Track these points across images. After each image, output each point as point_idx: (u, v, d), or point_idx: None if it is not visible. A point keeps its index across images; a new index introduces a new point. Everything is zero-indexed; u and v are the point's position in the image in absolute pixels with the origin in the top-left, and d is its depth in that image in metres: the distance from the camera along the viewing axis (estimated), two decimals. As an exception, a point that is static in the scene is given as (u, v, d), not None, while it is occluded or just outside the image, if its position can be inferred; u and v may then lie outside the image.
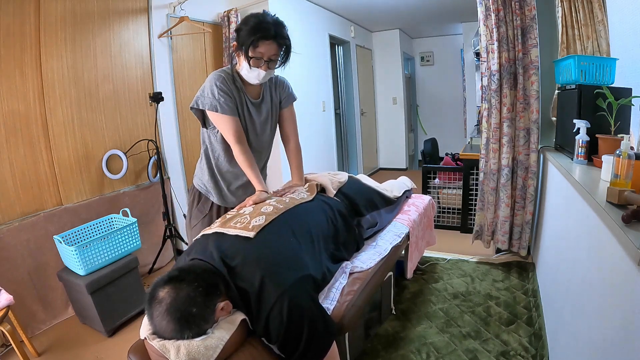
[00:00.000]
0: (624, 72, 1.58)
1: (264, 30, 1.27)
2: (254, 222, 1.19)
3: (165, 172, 2.68)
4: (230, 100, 1.38)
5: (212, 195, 1.57)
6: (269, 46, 1.30)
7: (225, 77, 1.40)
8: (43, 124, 2.04)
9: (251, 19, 1.30)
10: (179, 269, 0.99)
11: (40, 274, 2.00)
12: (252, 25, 1.28)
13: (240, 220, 1.22)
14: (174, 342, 0.89)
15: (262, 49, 1.30)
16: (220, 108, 1.36)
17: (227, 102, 1.37)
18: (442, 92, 6.21)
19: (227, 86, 1.38)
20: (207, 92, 1.37)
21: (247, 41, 1.28)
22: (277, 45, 1.32)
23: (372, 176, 4.61)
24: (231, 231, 1.17)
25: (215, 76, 1.39)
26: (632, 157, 0.96)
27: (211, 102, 1.36)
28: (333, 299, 1.23)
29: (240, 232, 1.15)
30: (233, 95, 1.40)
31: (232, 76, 1.42)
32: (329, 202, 1.51)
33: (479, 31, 2.21)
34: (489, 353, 1.57)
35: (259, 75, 1.36)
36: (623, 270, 0.79)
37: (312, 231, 1.28)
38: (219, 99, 1.36)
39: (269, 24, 1.29)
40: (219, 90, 1.36)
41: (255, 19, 1.30)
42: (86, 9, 2.20)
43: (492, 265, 2.37)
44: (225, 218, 1.29)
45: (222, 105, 1.36)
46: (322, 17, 4.07)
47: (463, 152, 3.21)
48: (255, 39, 1.27)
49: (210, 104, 1.36)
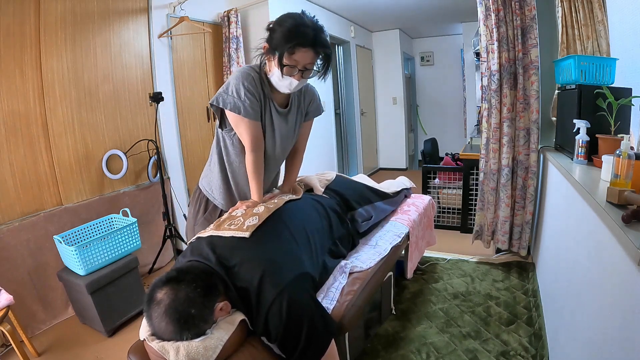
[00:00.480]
0: (624, 72, 1.58)
1: (302, 36, 1.14)
2: (247, 222, 1.19)
3: (165, 172, 2.68)
4: (257, 103, 1.26)
5: (219, 201, 1.48)
6: (305, 54, 1.17)
7: (254, 76, 1.26)
8: (43, 124, 2.04)
9: (287, 20, 1.16)
10: (177, 270, 0.99)
11: (40, 274, 2.00)
12: (289, 28, 1.14)
13: (234, 222, 1.21)
14: (173, 343, 0.89)
15: (297, 56, 1.16)
16: (244, 110, 1.23)
17: (252, 105, 1.24)
18: (442, 92, 6.21)
19: (254, 87, 1.25)
20: (232, 90, 1.24)
21: (282, 46, 1.15)
22: (314, 54, 1.19)
23: (372, 176, 4.61)
24: (226, 233, 1.16)
25: (244, 74, 1.25)
26: (632, 157, 0.96)
27: (235, 102, 1.24)
28: (333, 299, 1.23)
29: (235, 233, 1.15)
30: (260, 98, 1.28)
31: (260, 77, 1.29)
32: (319, 199, 1.52)
33: (479, 31, 2.21)
34: (489, 353, 1.57)
35: (290, 85, 1.23)
36: (623, 270, 0.79)
37: (306, 228, 1.28)
38: (244, 101, 1.23)
39: (307, 27, 1.15)
40: (245, 91, 1.23)
41: (293, 20, 1.15)
42: (86, 9, 2.20)
43: (492, 265, 2.37)
44: (218, 221, 1.27)
45: (246, 107, 1.23)
46: (322, 17, 4.07)
47: (463, 152, 3.21)
48: (292, 46, 1.14)
49: (234, 104, 1.24)
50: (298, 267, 1.10)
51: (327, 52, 1.21)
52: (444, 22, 5.14)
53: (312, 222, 1.34)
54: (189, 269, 1.00)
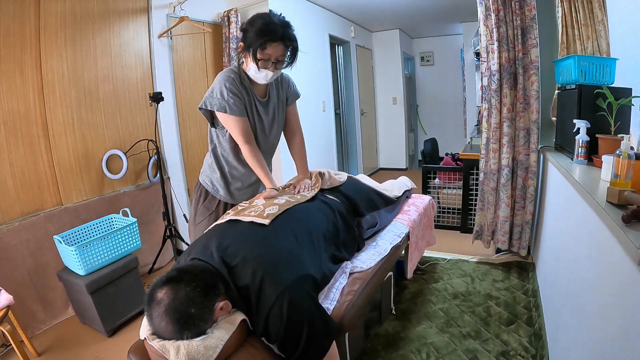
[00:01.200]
0: (624, 72, 1.58)
1: (272, 33, 1.29)
2: (268, 210, 1.26)
3: (165, 172, 2.68)
4: (240, 101, 1.40)
5: (220, 193, 1.60)
6: (276, 48, 1.32)
7: (234, 77, 1.41)
8: (43, 124, 2.04)
9: (258, 20, 1.31)
10: (177, 270, 0.99)
11: (40, 274, 2.00)
12: (259, 27, 1.29)
13: (254, 210, 1.28)
14: (173, 343, 0.89)
15: (269, 50, 1.31)
16: (229, 109, 1.38)
17: (236, 103, 1.38)
18: (442, 92, 6.21)
19: (236, 87, 1.40)
20: (216, 93, 1.38)
21: (254, 43, 1.30)
22: (284, 47, 1.34)
23: (372, 176, 4.61)
24: (246, 218, 1.23)
25: (225, 77, 1.40)
26: (632, 157, 0.96)
27: (220, 103, 1.38)
28: (333, 299, 1.23)
29: (255, 219, 1.21)
30: (242, 95, 1.42)
31: (239, 76, 1.43)
32: (329, 202, 1.51)
33: (479, 31, 2.21)
34: (489, 353, 1.57)
35: (266, 76, 1.38)
36: (623, 270, 0.79)
37: (312, 231, 1.28)
38: (228, 100, 1.37)
39: (276, 25, 1.30)
40: (228, 92, 1.37)
41: (262, 20, 1.30)
42: (86, 9, 2.20)
43: (492, 265, 2.37)
44: (237, 209, 1.35)
45: (230, 106, 1.38)
46: (322, 17, 4.07)
47: (463, 152, 3.21)
48: (263, 42, 1.29)
49: (220, 105, 1.38)
50: (300, 269, 1.10)
51: (294, 45, 1.37)
52: (444, 22, 5.14)
53: (318, 226, 1.34)
54: (189, 269, 1.00)
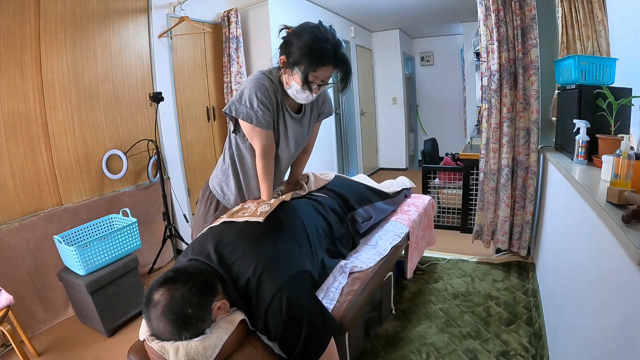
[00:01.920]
0: (624, 72, 1.58)
1: (324, 55, 1.16)
2: (260, 209, 1.26)
3: (165, 172, 2.68)
4: (269, 114, 1.28)
5: (231, 202, 1.49)
6: (326, 70, 1.19)
7: (268, 85, 1.27)
8: (43, 124, 2.04)
9: (305, 35, 1.16)
10: (174, 270, 0.99)
11: (40, 274, 2.00)
12: (309, 45, 1.14)
13: (247, 211, 1.28)
14: (172, 343, 0.90)
15: (318, 73, 1.18)
16: (256, 121, 1.26)
17: (264, 115, 1.26)
18: (442, 92, 6.21)
19: (268, 98, 1.27)
20: (245, 100, 1.26)
21: (303, 63, 1.16)
22: (334, 69, 1.21)
23: (372, 176, 4.61)
24: (240, 219, 1.22)
25: (257, 84, 1.26)
26: (632, 157, 0.96)
27: (247, 112, 1.26)
28: (333, 299, 1.23)
29: (249, 218, 1.21)
30: (273, 108, 1.30)
31: (274, 85, 1.30)
32: (319, 198, 1.52)
33: (479, 31, 2.21)
34: (489, 353, 1.57)
35: (308, 98, 1.26)
36: (623, 270, 0.79)
37: (306, 227, 1.29)
38: (257, 111, 1.25)
39: (327, 44, 1.15)
40: (258, 102, 1.25)
41: (312, 35, 1.15)
42: (86, 9, 2.20)
43: (492, 265, 2.37)
44: (231, 212, 1.34)
45: (258, 118, 1.26)
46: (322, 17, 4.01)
47: (463, 152, 3.21)
48: (315, 66, 1.16)
49: (246, 114, 1.26)
50: (297, 264, 1.10)
51: (346, 70, 1.22)
52: (444, 22, 5.14)
53: (311, 222, 1.34)
54: (186, 269, 1.00)
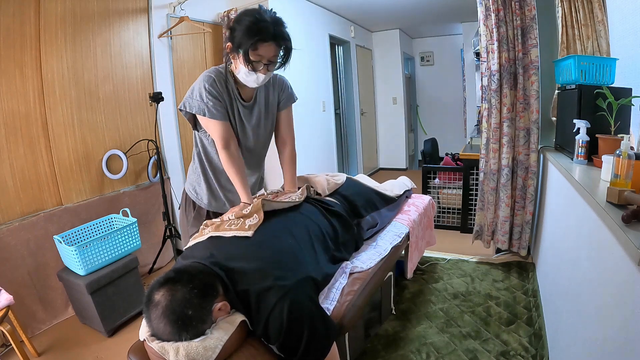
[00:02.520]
0: (624, 72, 1.58)
1: (263, 32, 1.16)
2: (248, 222, 1.19)
3: (165, 172, 2.68)
4: (220, 104, 1.30)
5: (203, 201, 1.51)
6: (268, 48, 1.20)
7: (216, 78, 1.31)
8: (43, 124, 2.04)
9: (245, 18, 1.18)
10: (174, 271, 0.99)
11: (40, 274, 2.00)
12: (248, 25, 1.16)
13: (234, 223, 1.21)
14: (172, 344, 0.89)
15: (261, 51, 1.20)
16: (209, 112, 1.28)
17: (215, 106, 1.29)
18: (442, 92, 6.21)
19: (216, 89, 1.30)
20: (196, 94, 1.30)
21: (244, 43, 1.18)
22: (276, 47, 1.22)
23: (372, 176, 4.61)
24: (227, 233, 1.16)
25: (205, 77, 1.30)
26: (632, 157, 0.96)
27: (199, 105, 1.29)
28: (333, 299, 1.23)
29: (237, 232, 1.15)
30: (223, 98, 1.32)
31: (225, 76, 1.33)
32: (327, 203, 1.50)
33: (479, 31, 2.21)
34: (489, 353, 1.57)
35: (257, 79, 1.28)
36: (623, 270, 0.79)
37: (310, 232, 1.27)
38: (207, 103, 1.28)
39: (267, 22, 1.17)
40: (207, 94, 1.28)
41: (251, 17, 1.17)
42: (86, 9, 2.20)
43: (492, 265, 2.37)
44: (215, 224, 1.26)
45: (210, 109, 1.28)
46: (322, 17, 4.07)
47: (463, 152, 3.21)
48: (254, 42, 1.17)
49: (198, 107, 1.29)
50: (300, 270, 1.09)
51: (287, 45, 1.24)
52: (444, 22, 5.14)
53: (316, 227, 1.32)
54: (187, 270, 1.00)
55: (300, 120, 3.64)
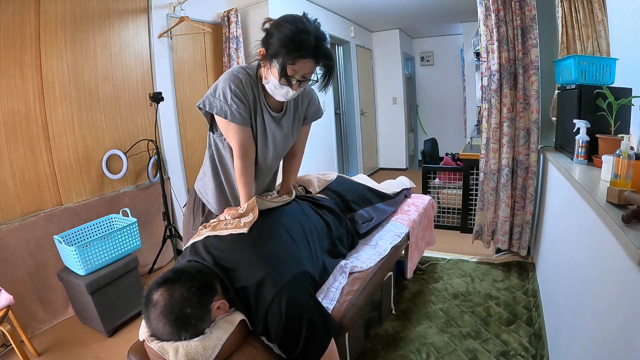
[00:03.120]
0: (624, 72, 1.58)
1: (304, 47, 1.05)
2: (244, 220, 1.20)
3: (165, 172, 2.68)
4: (244, 108, 1.19)
5: (212, 205, 1.42)
6: (306, 64, 1.09)
7: (244, 79, 1.19)
8: (43, 124, 2.04)
9: (287, 25, 1.06)
10: (173, 270, 1.00)
11: (40, 274, 2.00)
12: (289, 36, 1.05)
13: (230, 222, 1.21)
14: (172, 344, 0.90)
15: (297, 67, 1.09)
16: (231, 115, 1.17)
17: (239, 109, 1.17)
18: (442, 92, 6.20)
19: (242, 91, 1.18)
20: (219, 94, 1.18)
21: (282, 56, 1.06)
22: (315, 63, 1.10)
23: (372, 176, 4.61)
24: (224, 232, 1.17)
25: (232, 76, 1.18)
26: (632, 157, 0.96)
27: (221, 106, 1.17)
28: (333, 299, 1.23)
29: (233, 230, 1.16)
30: (248, 102, 1.21)
31: (254, 79, 1.22)
32: (318, 199, 1.52)
33: (479, 31, 2.21)
34: (489, 353, 1.57)
35: (287, 94, 1.17)
36: (623, 270, 0.78)
37: (304, 228, 1.28)
38: (231, 105, 1.16)
39: (309, 35, 1.05)
40: (232, 95, 1.16)
41: (293, 26, 1.05)
42: (86, 9, 2.20)
43: (492, 265, 2.37)
44: (212, 225, 1.24)
45: (233, 112, 1.17)
46: (322, 17, 4.07)
47: (463, 152, 3.21)
48: (293, 57, 1.06)
49: (220, 108, 1.17)
50: (297, 266, 1.10)
51: (329, 65, 1.13)
52: (444, 22, 5.13)
53: (310, 223, 1.34)
54: (185, 269, 1.01)
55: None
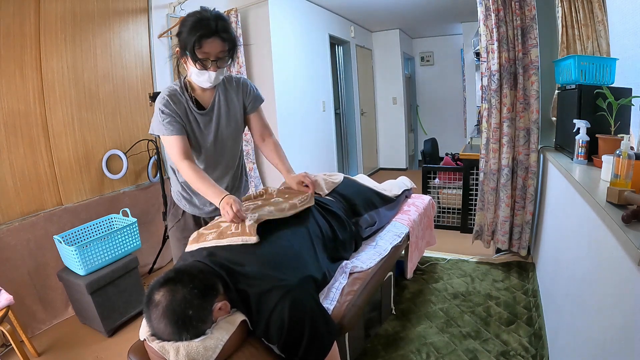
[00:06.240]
0: (624, 72, 1.58)
1: (205, 27, 1.17)
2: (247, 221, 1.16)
3: (165, 172, 2.68)
4: (174, 119, 1.30)
5: (182, 205, 1.52)
6: (212, 44, 1.20)
7: (170, 95, 1.31)
8: (43, 124, 2.04)
9: (189, 19, 1.21)
10: (175, 270, 0.99)
11: (40, 274, 2.00)
12: (191, 25, 1.18)
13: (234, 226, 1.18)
14: (173, 344, 0.90)
15: (206, 48, 1.20)
16: (166, 129, 1.28)
17: (170, 122, 1.29)
18: (442, 92, 6.21)
19: (169, 107, 1.30)
20: (156, 117, 1.31)
21: (189, 42, 1.18)
22: (221, 41, 1.21)
23: (372, 176, 4.61)
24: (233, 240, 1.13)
25: (159, 100, 1.31)
26: (632, 157, 0.96)
27: (158, 126, 1.30)
28: (333, 299, 1.23)
29: (242, 239, 1.13)
30: (177, 113, 1.31)
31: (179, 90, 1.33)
32: (326, 202, 1.51)
33: (479, 31, 2.21)
34: (489, 353, 1.57)
35: (209, 78, 1.26)
36: (623, 270, 0.79)
37: (310, 232, 1.28)
38: (163, 121, 1.28)
39: (208, 20, 1.18)
40: (161, 113, 1.29)
41: (193, 17, 1.20)
42: (86, 9, 2.20)
43: (492, 265, 2.37)
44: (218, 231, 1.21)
45: (165, 126, 1.28)
46: (322, 17, 4.07)
47: (463, 152, 3.21)
48: (197, 39, 1.17)
49: (158, 128, 1.30)
50: (302, 269, 1.10)
51: (231, 39, 1.23)
52: (444, 22, 5.14)
53: (315, 227, 1.33)
54: (187, 270, 1.00)
55: (300, 120, 3.64)
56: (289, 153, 1.61)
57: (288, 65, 3.36)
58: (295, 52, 3.49)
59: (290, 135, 3.42)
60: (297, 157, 3.48)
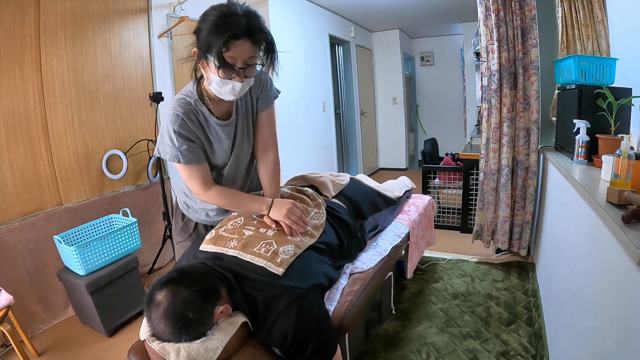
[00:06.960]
0: (624, 72, 1.58)
1: (233, 26, 0.93)
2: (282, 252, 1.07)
3: (165, 172, 2.68)
4: (194, 145, 1.13)
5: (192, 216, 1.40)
6: (242, 47, 0.96)
7: (184, 114, 1.10)
8: (43, 124, 2.04)
9: (212, 13, 0.96)
10: (178, 271, 0.98)
11: (40, 274, 2.00)
12: (216, 22, 0.94)
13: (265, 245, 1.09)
14: (173, 344, 0.89)
15: (233, 52, 0.96)
16: (183, 158, 1.11)
17: (189, 149, 1.11)
18: (442, 92, 6.21)
19: (186, 127, 1.10)
20: (167, 139, 1.11)
21: (213, 44, 0.95)
22: (252, 44, 0.98)
23: (372, 176, 4.61)
24: (258, 261, 1.05)
25: (172, 117, 1.10)
26: (632, 157, 0.96)
27: (172, 151, 1.11)
28: (333, 300, 1.23)
29: (267, 263, 1.04)
30: (195, 134, 1.13)
31: (192, 104, 1.13)
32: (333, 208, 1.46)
33: (479, 31, 2.21)
34: (489, 353, 1.57)
35: (234, 90, 1.04)
36: (623, 270, 0.79)
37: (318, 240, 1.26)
38: (180, 148, 1.10)
39: (237, 16, 0.94)
40: (177, 137, 1.09)
41: (217, 11, 0.96)
42: (86, 9, 2.20)
43: (492, 265, 2.37)
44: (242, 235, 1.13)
45: (184, 154, 1.11)
46: (322, 17, 4.07)
47: (463, 152, 3.21)
48: (224, 41, 0.93)
49: (172, 154, 1.11)
50: (310, 277, 1.08)
51: (267, 39, 1.00)
52: (444, 22, 5.14)
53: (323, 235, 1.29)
54: (190, 271, 0.99)
55: (300, 120, 3.64)
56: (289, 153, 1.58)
57: (288, 65, 3.36)
58: (295, 52, 3.50)
59: (290, 135, 3.41)
60: (297, 157, 3.49)
